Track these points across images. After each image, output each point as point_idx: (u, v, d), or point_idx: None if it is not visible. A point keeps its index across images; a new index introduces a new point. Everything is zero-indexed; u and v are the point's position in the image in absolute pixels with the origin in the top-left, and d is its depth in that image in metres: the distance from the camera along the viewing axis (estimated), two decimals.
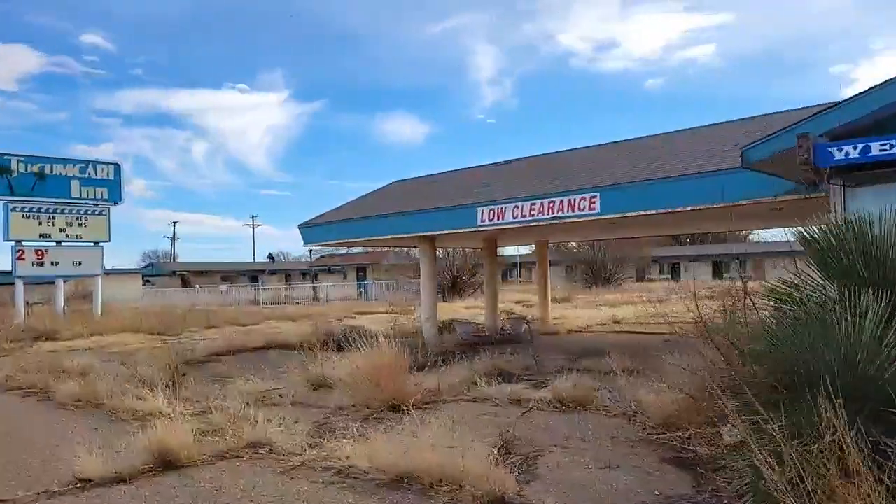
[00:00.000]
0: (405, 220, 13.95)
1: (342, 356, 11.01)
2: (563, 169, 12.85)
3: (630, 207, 9.96)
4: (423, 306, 14.91)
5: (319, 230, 16.09)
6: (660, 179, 9.33)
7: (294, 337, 16.98)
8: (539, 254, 18.34)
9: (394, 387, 8.00)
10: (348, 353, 11.89)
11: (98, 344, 18.65)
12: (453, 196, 13.82)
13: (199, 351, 14.56)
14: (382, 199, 16.70)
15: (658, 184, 9.33)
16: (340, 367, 10.18)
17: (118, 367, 12.66)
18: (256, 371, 12.04)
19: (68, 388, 9.62)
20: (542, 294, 17.97)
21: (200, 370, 12.29)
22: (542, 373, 10.34)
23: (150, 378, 10.88)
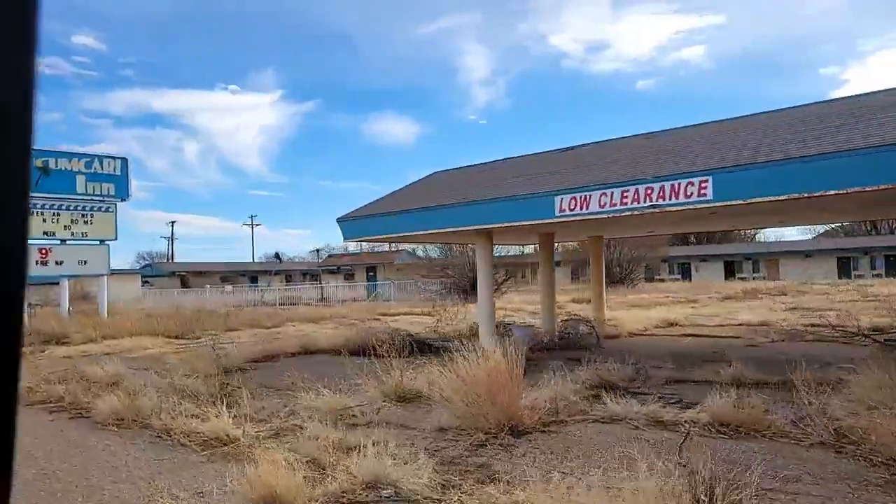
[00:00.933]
0: (463, 211, 12.60)
1: (416, 364, 9.68)
2: (655, 151, 11.51)
3: (756, 192, 8.63)
4: (480, 308, 13.56)
5: (361, 224, 14.71)
6: (818, 156, 7.95)
7: (328, 340, 15.64)
8: (593, 251, 17.00)
9: (507, 403, 6.65)
10: (419, 359, 10.58)
11: (115, 348, 17.22)
12: (518, 184, 12.47)
13: (233, 357, 13.16)
14: (428, 191, 15.34)
15: (807, 162, 7.99)
16: (421, 376, 8.84)
17: (150, 375, 11.28)
18: (310, 380, 10.70)
19: (107, 404, 8.23)
20: (597, 294, 16.64)
21: (245, 379, 10.91)
22: (652, 384, 9.00)
23: (193, 389, 9.53)
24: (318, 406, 8.00)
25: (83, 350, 17.14)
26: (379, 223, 14.38)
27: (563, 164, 13.11)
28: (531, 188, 11.75)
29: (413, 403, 8.29)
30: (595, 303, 16.67)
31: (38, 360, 15.87)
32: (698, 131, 12.72)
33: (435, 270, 39.36)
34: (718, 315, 21.39)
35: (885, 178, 7.10)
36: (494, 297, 33.15)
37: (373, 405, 8.08)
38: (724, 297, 32.98)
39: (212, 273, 73.13)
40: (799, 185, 8.23)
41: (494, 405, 6.61)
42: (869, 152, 7.32)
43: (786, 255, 62.00)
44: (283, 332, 20.67)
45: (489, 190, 12.88)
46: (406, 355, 13.30)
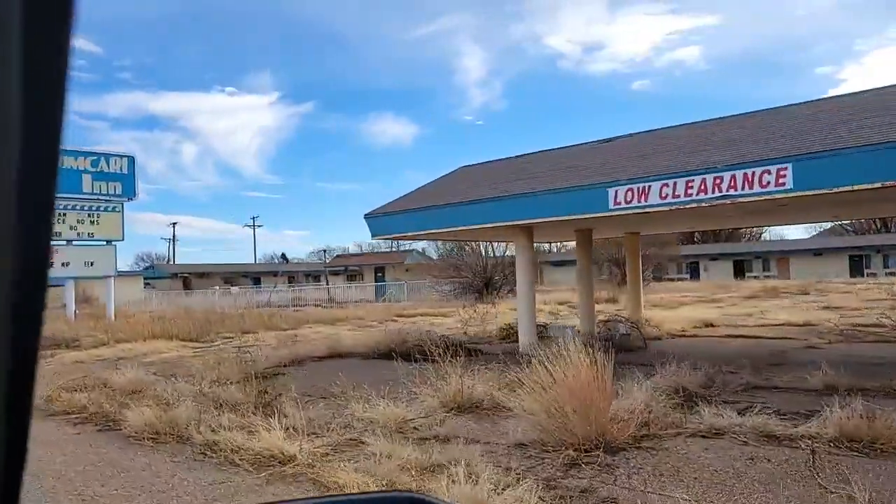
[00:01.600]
0: (504, 206, 11.88)
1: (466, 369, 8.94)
2: (712, 141, 10.78)
3: (846, 180, 7.91)
4: (520, 309, 12.82)
5: (390, 220, 13.98)
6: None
7: (356, 343, 14.90)
8: (630, 248, 16.28)
9: (596, 415, 5.91)
10: (469, 363, 9.84)
11: (129, 353, 16.48)
12: (562, 177, 11.75)
13: (261, 361, 12.42)
14: (459, 186, 14.61)
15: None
16: (479, 383, 8.11)
17: (175, 382, 10.54)
18: (351, 386, 9.97)
19: (139, 416, 7.49)
20: (634, 294, 15.92)
21: (280, 386, 10.16)
22: (730, 391, 8.27)
23: (228, 398, 8.80)
24: (372, 417, 7.27)
25: (96, 354, 16.40)
26: (410, 219, 13.65)
27: (609, 155, 12.37)
28: (581, 180, 11.03)
29: (475, 413, 7.56)
30: (632, 302, 15.95)
31: (49, 366, 15.12)
32: (740, 121, 12.02)
33: (445, 271, 38.63)
34: (751, 315, 20.67)
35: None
36: (502, 298, 32.38)
37: (432, 416, 7.33)
38: (746, 296, 32.29)
39: (214, 274, 72.49)
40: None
41: (583, 417, 5.88)
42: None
43: (796, 253, 61.34)
44: (302, 334, 19.91)
45: (529, 183, 12.15)
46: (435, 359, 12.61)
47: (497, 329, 16.19)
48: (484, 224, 12.33)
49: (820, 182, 8.22)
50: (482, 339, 15.79)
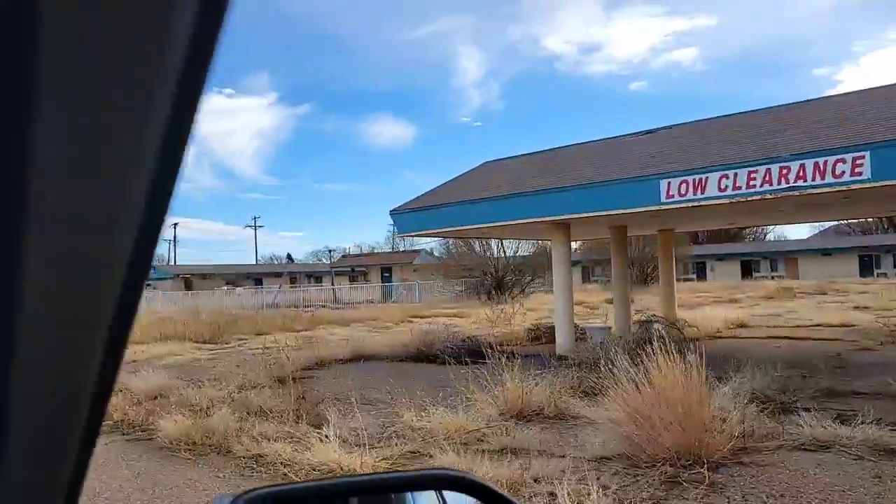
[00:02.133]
0: (539, 201, 11.30)
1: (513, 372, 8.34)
2: (771, 128, 10.20)
3: None
4: (557, 309, 12.23)
5: (419, 216, 13.39)
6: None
7: (381, 345, 14.30)
8: (664, 245, 15.72)
9: (692, 426, 5.32)
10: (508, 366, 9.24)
11: (145, 355, 15.85)
12: (602, 170, 11.16)
13: (286, 364, 11.81)
14: (486, 181, 14.02)
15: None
16: (538, 389, 7.52)
17: (200, 386, 9.95)
18: (388, 390, 9.39)
19: (172, 424, 6.89)
20: (668, 293, 15.34)
21: (310, 390, 9.58)
22: (807, 397, 7.67)
23: (261, 404, 8.21)
24: (428, 427, 6.68)
25: None
26: (439, 215, 13.07)
27: (654, 146, 11.78)
28: (626, 172, 10.44)
29: (538, 422, 6.96)
30: (665, 302, 15.38)
31: None
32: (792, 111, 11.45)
33: (454, 271, 38.04)
34: (779, 315, 20.12)
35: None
36: (514, 300, 31.79)
37: (493, 425, 6.73)
38: (762, 296, 31.75)
39: (216, 276, 71.94)
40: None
41: (678, 427, 5.29)
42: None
43: (805, 253, 60.82)
44: (318, 335, 19.30)
45: (568, 177, 11.56)
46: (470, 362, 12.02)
47: (524, 330, 15.60)
48: (519, 220, 11.76)
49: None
50: (510, 340, 15.19)
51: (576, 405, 7.50)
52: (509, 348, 13.99)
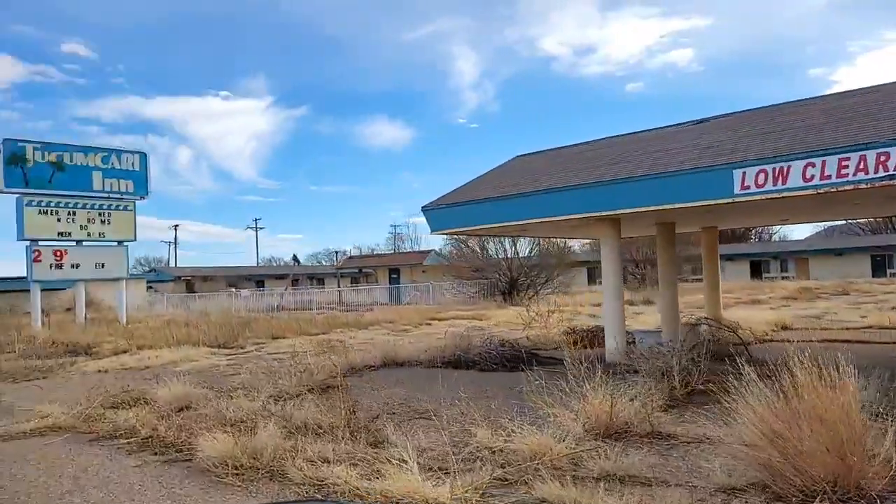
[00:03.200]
0: (589, 194, 10.48)
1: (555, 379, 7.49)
2: (858, 113, 9.37)
3: None
4: (606, 312, 11.39)
5: (455, 212, 12.56)
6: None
7: (413, 349, 13.46)
8: (707, 244, 14.90)
9: (850, 450, 4.49)
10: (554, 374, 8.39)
11: (157, 361, 15.03)
12: (657, 161, 10.34)
13: (316, 371, 10.98)
14: (523, 176, 13.19)
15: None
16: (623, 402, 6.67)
17: (230, 396, 9.11)
18: (433, 401, 8.56)
19: (212, 443, 6.04)
20: (713, 293, 14.53)
21: (351, 401, 8.73)
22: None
23: (304, 417, 7.36)
24: (507, 447, 5.84)
25: (119, 363, 14.95)
26: (477, 211, 12.24)
27: (711, 136, 10.94)
28: (692, 162, 9.61)
29: (631, 441, 6.12)
30: (710, 303, 14.55)
31: (71, 376, 13.67)
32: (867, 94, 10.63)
33: (465, 272, 37.23)
34: (818, 317, 19.33)
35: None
36: (530, 300, 30.95)
37: (583, 445, 5.89)
38: (783, 297, 30.99)
39: (217, 278, 71.31)
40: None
41: (829, 452, 4.45)
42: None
43: (816, 253, 60.03)
44: (337, 339, 18.48)
45: (622, 168, 10.73)
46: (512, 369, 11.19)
47: (561, 333, 14.75)
48: (567, 215, 10.92)
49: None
50: (545, 344, 14.37)
51: (663, 421, 6.67)
52: (547, 353, 13.19)
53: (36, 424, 8.04)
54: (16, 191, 24.66)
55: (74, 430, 7.83)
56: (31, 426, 7.97)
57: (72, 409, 8.80)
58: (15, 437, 7.57)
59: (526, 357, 11.99)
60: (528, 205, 11.45)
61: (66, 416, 8.28)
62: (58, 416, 8.43)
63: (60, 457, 6.67)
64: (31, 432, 7.76)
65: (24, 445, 7.20)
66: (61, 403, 9.82)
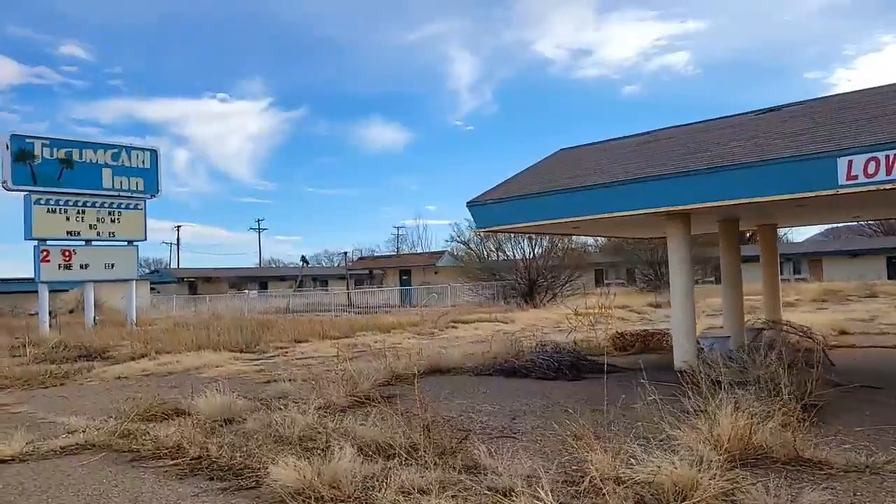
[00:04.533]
0: (665, 186, 9.63)
1: None
2: None
3: None
4: (675, 316, 10.52)
5: (503, 209, 11.68)
6: None
7: (457, 355, 12.59)
8: (765, 242, 14.06)
9: None
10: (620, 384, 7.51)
11: (179, 366, 14.16)
12: (736, 152, 9.47)
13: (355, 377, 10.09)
14: (573, 169, 12.32)
15: None
16: None
17: (275, 407, 8.24)
18: (507, 416, 7.73)
19: (286, 471, 5.16)
20: (772, 294, 13.69)
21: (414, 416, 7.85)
22: None
23: (369, 435, 6.49)
24: (636, 477, 4.96)
25: (139, 369, 14.07)
26: (529, 207, 11.39)
27: (795, 124, 10.07)
28: (779, 151, 8.75)
29: (776, 469, 5.24)
30: (769, 305, 13.70)
31: (90, 383, 12.80)
32: None
33: (480, 273, 36.36)
34: (865, 320, 18.49)
35: None
36: (557, 302, 30.05)
37: (723, 472, 5.01)
38: (812, 299, 30.20)
39: (220, 279, 70.57)
40: None
41: None
42: None
43: (830, 255, 59.19)
44: (363, 343, 17.63)
45: (695, 159, 9.86)
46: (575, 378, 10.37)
47: (608, 338, 13.88)
48: (637, 210, 10.06)
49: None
50: (593, 349, 13.47)
51: (799, 443, 5.78)
52: (603, 359, 12.32)
53: (67, 441, 7.16)
54: (24, 188, 23.81)
55: (110, 447, 6.95)
56: (62, 443, 7.10)
57: (102, 422, 7.94)
58: (46, 457, 6.69)
59: (584, 364, 11.14)
60: (590, 199, 10.59)
61: (98, 432, 7.39)
62: (89, 430, 7.56)
63: (102, 481, 5.79)
64: (63, 450, 6.88)
65: (58, 467, 6.32)
66: (87, 415, 8.96)
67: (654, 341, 13.48)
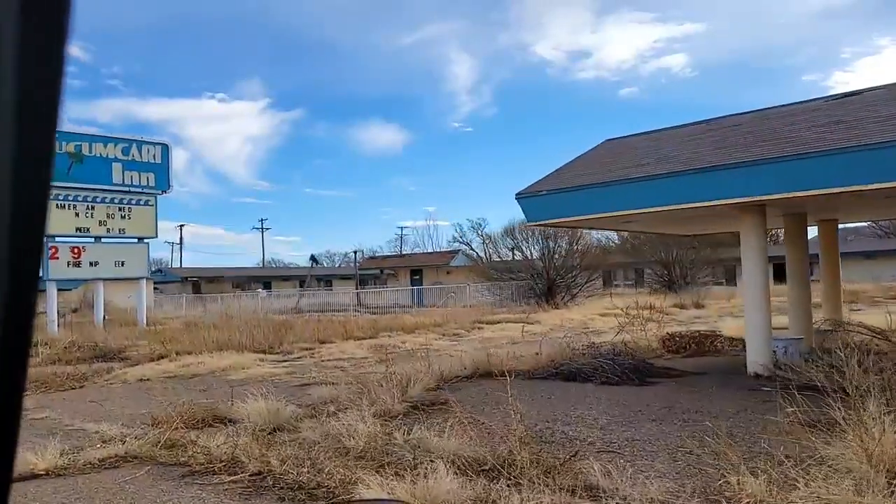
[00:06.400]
0: (744, 175, 8.87)
1: None
2: None
3: None
4: (749, 316, 9.75)
5: (557, 201, 10.92)
6: None
7: (507, 359, 11.82)
8: (826, 238, 13.30)
9: None
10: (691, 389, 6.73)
11: (203, 368, 13.39)
12: (826, 137, 8.71)
13: (411, 384, 9.33)
14: (627, 159, 11.57)
15: None
16: None
17: (323, 412, 7.48)
18: (587, 425, 6.98)
19: (375, 493, 4.40)
20: (833, 293, 12.93)
21: (476, 422, 7.10)
22: None
23: (455, 450, 5.74)
24: None
25: (161, 371, 13.28)
26: (587, 198, 10.63)
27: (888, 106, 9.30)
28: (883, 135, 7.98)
29: None
30: (830, 304, 12.94)
31: (111, 386, 12.02)
32: None
33: (496, 273, 35.59)
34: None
35: None
36: (575, 304, 29.30)
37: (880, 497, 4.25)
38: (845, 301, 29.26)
39: (224, 279, 69.85)
40: None
41: None
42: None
43: (845, 256, 58.28)
44: (390, 344, 16.86)
45: (775, 146, 9.09)
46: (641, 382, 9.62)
47: (658, 340, 13.12)
48: (714, 201, 9.29)
49: None
50: (647, 351, 12.72)
51: None
52: (659, 362, 11.58)
53: (104, 452, 6.39)
54: None
55: (154, 460, 6.18)
56: (99, 454, 6.32)
57: (139, 430, 7.18)
58: (84, 471, 5.92)
59: (646, 368, 10.39)
60: (656, 190, 9.83)
61: (139, 442, 6.62)
62: (128, 440, 6.78)
63: (156, 502, 5.02)
64: (102, 463, 6.12)
65: (101, 484, 5.56)
66: (118, 421, 8.20)
67: (708, 343, 12.72)
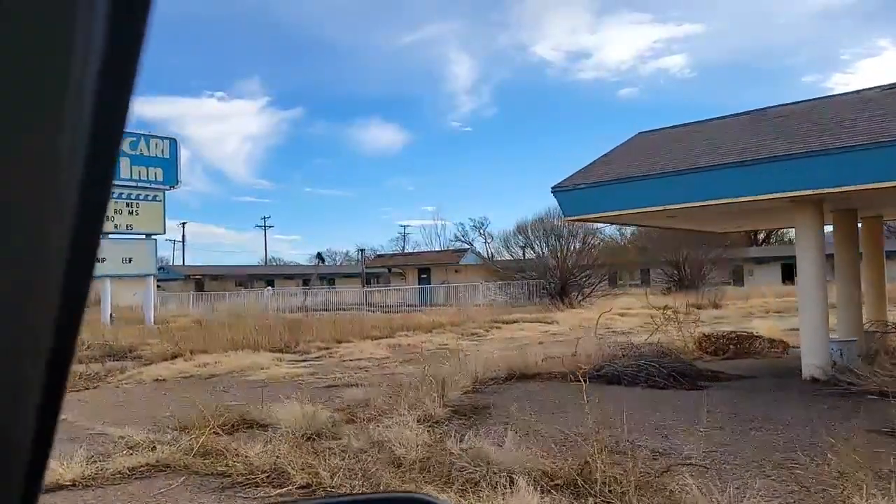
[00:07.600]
0: (802, 166, 8.36)
1: None
2: None
3: None
4: (806, 315, 9.22)
5: (597, 195, 10.41)
6: None
7: (533, 359, 11.31)
8: (870, 235, 12.78)
9: None
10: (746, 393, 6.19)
11: (220, 368, 12.89)
12: (881, 129, 8.18)
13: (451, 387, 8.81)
14: (665, 151, 11.05)
15: None
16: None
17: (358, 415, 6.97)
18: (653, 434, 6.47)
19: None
20: (878, 293, 12.41)
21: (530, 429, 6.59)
22: None
23: (518, 460, 5.22)
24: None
25: (177, 371, 12.77)
26: (628, 191, 10.12)
27: None
28: None
29: None
30: (875, 304, 12.42)
31: (126, 386, 11.52)
32: None
33: (506, 272, 35.09)
34: None
35: None
36: (590, 304, 28.79)
37: None
38: None
39: (227, 277, 69.46)
40: None
41: None
42: None
43: None
44: (412, 344, 16.37)
45: (837, 136, 8.57)
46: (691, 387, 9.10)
47: (695, 341, 12.60)
48: (772, 194, 8.79)
49: None
50: (683, 352, 12.20)
51: None
52: (703, 365, 11.07)
53: (133, 460, 5.87)
54: None
55: (188, 469, 5.66)
56: (128, 462, 5.80)
57: (167, 436, 6.67)
58: (114, 481, 5.41)
59: (690, 371, 9.87)
60: (705, 183, 9.31)
61: (170, 448, 6.10)
62: (155, 446, 6.27)
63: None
64: (132, 472, 5.60)
65: (134, 496, 5.05)
66: (141, 424, 7.68)
67: (747, 344, 12.23)
